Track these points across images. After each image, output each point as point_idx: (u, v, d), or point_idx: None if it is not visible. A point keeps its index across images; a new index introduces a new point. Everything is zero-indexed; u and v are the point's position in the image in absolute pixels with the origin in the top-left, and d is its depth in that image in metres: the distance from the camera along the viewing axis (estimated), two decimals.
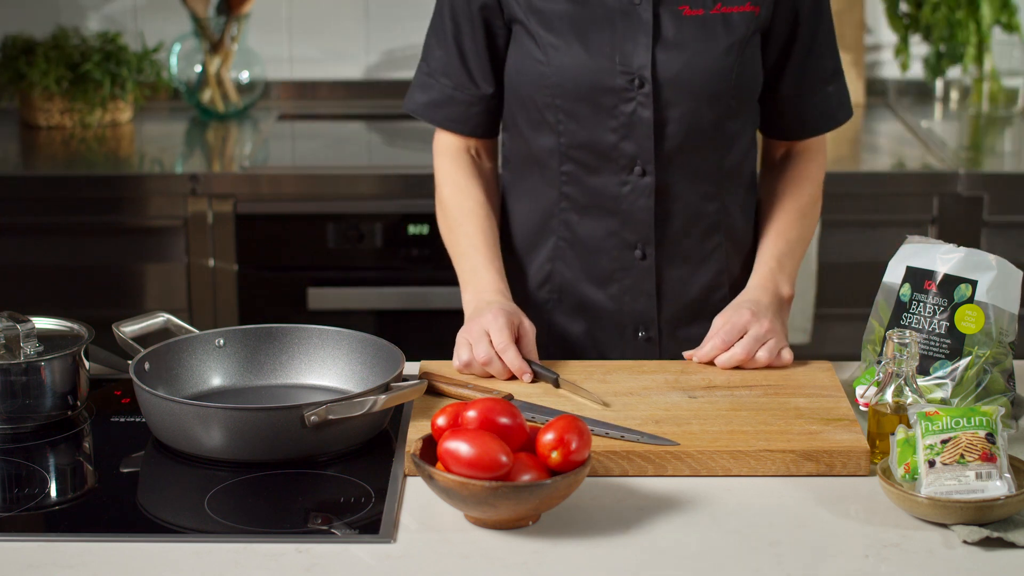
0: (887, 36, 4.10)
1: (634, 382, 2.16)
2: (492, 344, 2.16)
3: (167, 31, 4.06)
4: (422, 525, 1.82)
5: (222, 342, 2.18)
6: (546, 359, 2.27)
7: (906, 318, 2.11)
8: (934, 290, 2.10)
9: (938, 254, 2.11)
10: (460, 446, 1.77)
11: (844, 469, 1.95)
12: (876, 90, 4.13)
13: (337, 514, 1.85)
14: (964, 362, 2.06)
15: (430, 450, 1.85)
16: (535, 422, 2.00)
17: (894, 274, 2.15)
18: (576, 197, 2.33)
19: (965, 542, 1.77)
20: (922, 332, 2.09)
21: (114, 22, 4.07)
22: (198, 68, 3.95)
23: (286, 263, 3.51)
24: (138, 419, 2.11)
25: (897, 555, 1.75)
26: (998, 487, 1.80)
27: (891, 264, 2.16)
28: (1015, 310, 2.08)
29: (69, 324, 2.18)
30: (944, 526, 1.81)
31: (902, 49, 4.04)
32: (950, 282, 2.08)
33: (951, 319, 2.08)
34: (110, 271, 3.51)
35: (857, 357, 2.26)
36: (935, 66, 4.03)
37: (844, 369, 2.27)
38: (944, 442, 1.82)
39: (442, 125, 2.39)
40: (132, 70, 3.88)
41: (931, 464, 1.81)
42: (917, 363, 1.97)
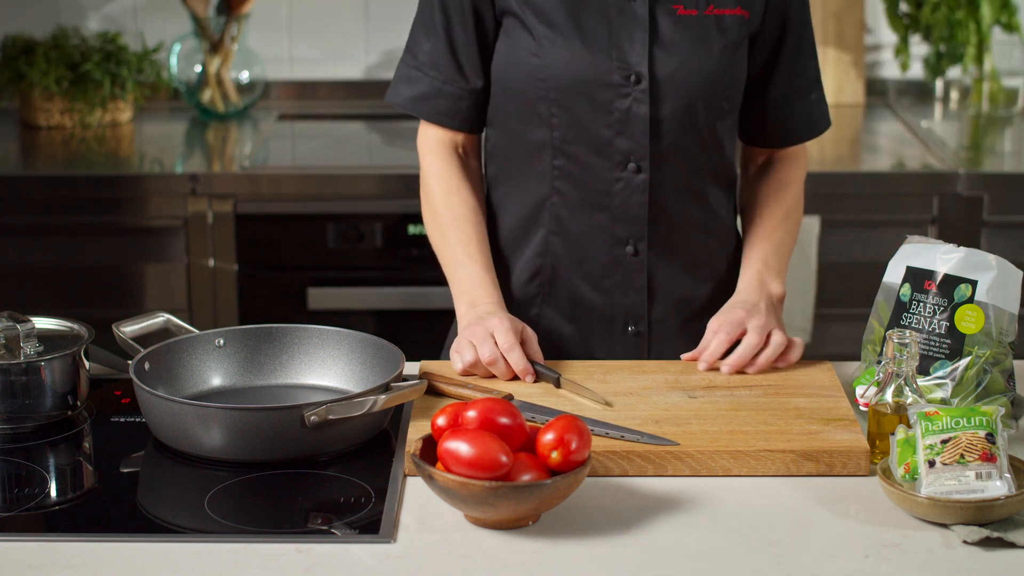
0: (887, 36, 4.10)
1: (634, 382, 2.16)
2: (496, 345, 2.16)
3: (167, 31, 4.06)
4: (422, 525, 1.82)
5: (222, 342, 2.17)
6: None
7: (906, 318, 2.11)
8: (934, 290, 2.10)
9: (938, 254, 2.11)
10: (460, 446, 1.77)
11: (844, 469, 1.94)
12: (876, 90, 4.13)
13: (337, 514, 1.84)
14: (964, 362, 2.06)
15: (430, 450, 1.85)
16: (535, 422, 2.00)
17: (894, 274, 2.15)
18: (568, 192, 2.33)
19: (965, 542, 1.77)
20: (922, 332, 2.09)
21: (114, 22, 4.07)
22: (198, 68, 3.95)
23: (286, 263, 3.51)
24: (138, 419, 2.10)
25: (897, 555, 1.75)
26: (998, 487, 1.80)
27: (891, 264, 2.16)
28: (1015, 310, 2.08)
29: (69, 324, 2.18)
30: (944, 526, 1.81)
31: (902, 49, 4.04)
32: (950, 282, 2.08)
33: (951, 319, 2.07)
34: (110, 271, 3.51)
35: (857, 357, 2.26)
36: (935, 66, 4.03)
37: (844, 369, 2.26)
38: (944, 442, 1.82)
39: (430, 119, 2.37)
40: (132, 70, 3.88)
41: (931, 464, 1.81)
42: (917, 363, 1.97)
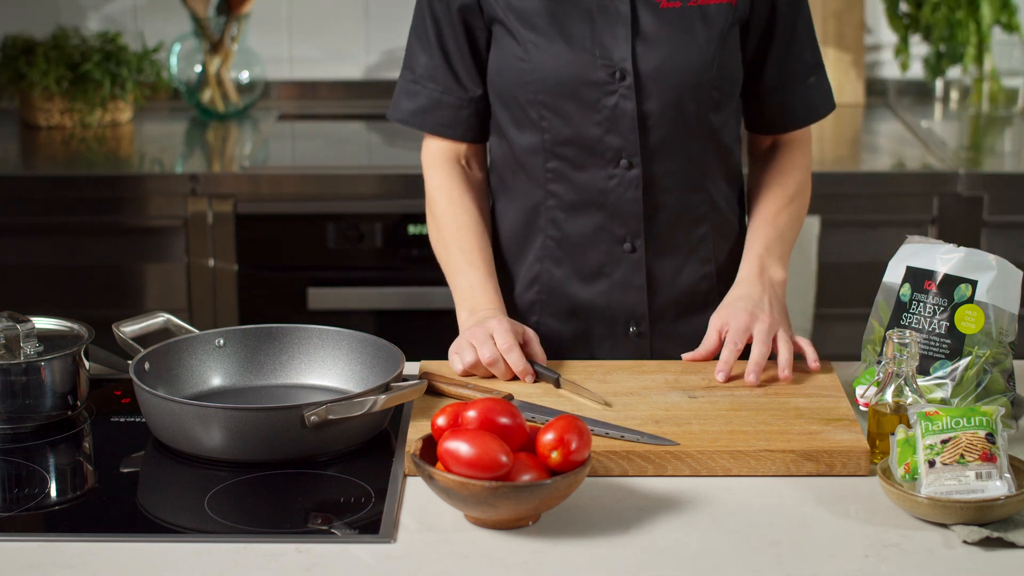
0: (887, 36, 4.10)
1: (634, 382, 2.16)
2: (496, 346, 2.16)
3: (167, 31, 4.06)
4: (422, 525, 1.82)
5: (222, 342, 2.17)
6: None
7: (906, 318, 2.11)
8: (934, 290, 2.10)
9: (938, 254, 2.11)
10: (460, 446, 1.77)
11: (844, 469, 1.94)
12: (876, 90, 4.13)
13: (337, 514, 1.84)
14: (964, 362, 2.06)
15: (430, 450, 1.85)
16: (535, 422, 2.00)
17: (894, 274, 2.15)
18: (562, 194, 2.33)
19: (965, 542, 1.77)
20: (922, 332, 2.09)
21: (114, 22, 4.07)
22: (198, 68, 3.95)
23: (286, 263, 3.51)
24: (138, 419, 2.10)
25: (897, 555, 1.75)
26: (998, 487, 1.80)
27: (891, 264, 2.16)
28: (1015, 310, 2.08)
29: (69, 324, 2.18)
30: (944, 526, 1.81)
31: (902, 49, 4.04)
32: (950, 282, 2.08)
33: (951, 319, 2.07)
34: (110, 271, 3.51)
35: (857, 357, 2.26)
36: (935, 66, 4.03)
37: (844, 369, 2.26)
38: (944, 442, 1.82)
39: (432, 131, 2.37)
40: (132, 70, 3.87)
41: (931, 464, 1.81)
42: (917, 363, 1.97)
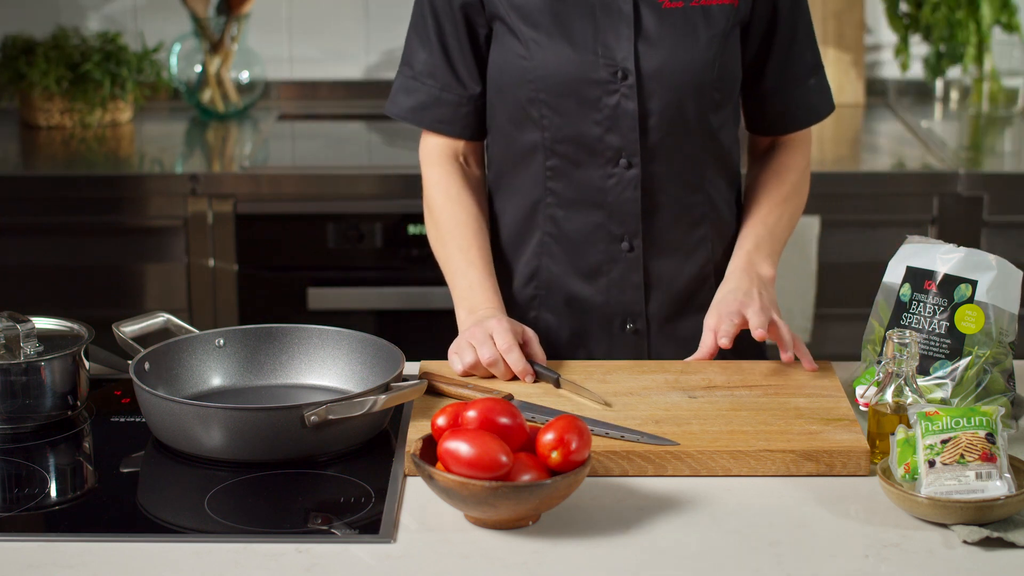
0: (887, 36, 4.10)
1: (634, 382, 2.16)
2: (496, 346, 2.16)
3: (167, 31, 4.06)
4: (422, 525, 1.82)
5: (222, 342, 2.17)
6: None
7: (906, 318, 2.11)
8: (934, 290, 2.10)
9: (938, 254, 2.11)
10: (460, 446, 1.77)
11: (844, 469, 1.94)
12: (876, 90, 4.13)
13: (337, 514, 1.84)
14: (964, 362, 2.06)
15: (430, 450, 1.85)
16: (535, 422, 2.00)
17: (894, 274, 2.15)
18: (561, 192, 2.33)
19: (965, 542, 1.77)
20: (922, 332, 2.09)
21: (114, 22, 4.07)
22: (198, 68, 3.95)
23: (286, 263, 3.51)
24: (138, 419, 2.10)
25: (897, 555, 1.75)
26: (998, 487, 1.80)
27: (891, 264, 2.16)
28: (1015, 310, 2.08)
29: (69, 324, 2.18)
30: (944, 526, 1.81)
31: (902, 49, 4.04)
32: (950, 282, 2.08)
33: (951, 319, 2.07)
34: (110, 271, 3.51)
35: (857, 357, 2.26)
36: (935, 66, 4.03)
37: (844, 369, 2.26)
38: (944, 442, 1.82)
39: (430, 127, 2.37)
40: (132, 70, 3.88)
41: (931, 464, 1.81)
42: (917, 363, 1.97)
